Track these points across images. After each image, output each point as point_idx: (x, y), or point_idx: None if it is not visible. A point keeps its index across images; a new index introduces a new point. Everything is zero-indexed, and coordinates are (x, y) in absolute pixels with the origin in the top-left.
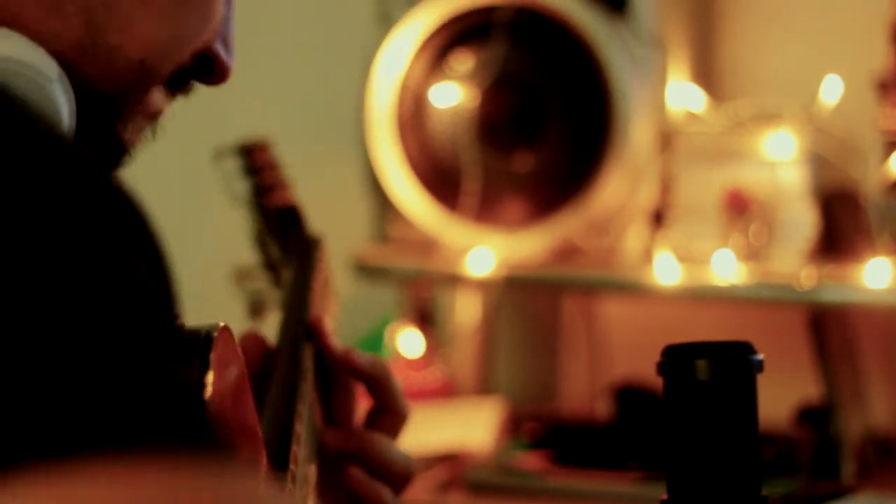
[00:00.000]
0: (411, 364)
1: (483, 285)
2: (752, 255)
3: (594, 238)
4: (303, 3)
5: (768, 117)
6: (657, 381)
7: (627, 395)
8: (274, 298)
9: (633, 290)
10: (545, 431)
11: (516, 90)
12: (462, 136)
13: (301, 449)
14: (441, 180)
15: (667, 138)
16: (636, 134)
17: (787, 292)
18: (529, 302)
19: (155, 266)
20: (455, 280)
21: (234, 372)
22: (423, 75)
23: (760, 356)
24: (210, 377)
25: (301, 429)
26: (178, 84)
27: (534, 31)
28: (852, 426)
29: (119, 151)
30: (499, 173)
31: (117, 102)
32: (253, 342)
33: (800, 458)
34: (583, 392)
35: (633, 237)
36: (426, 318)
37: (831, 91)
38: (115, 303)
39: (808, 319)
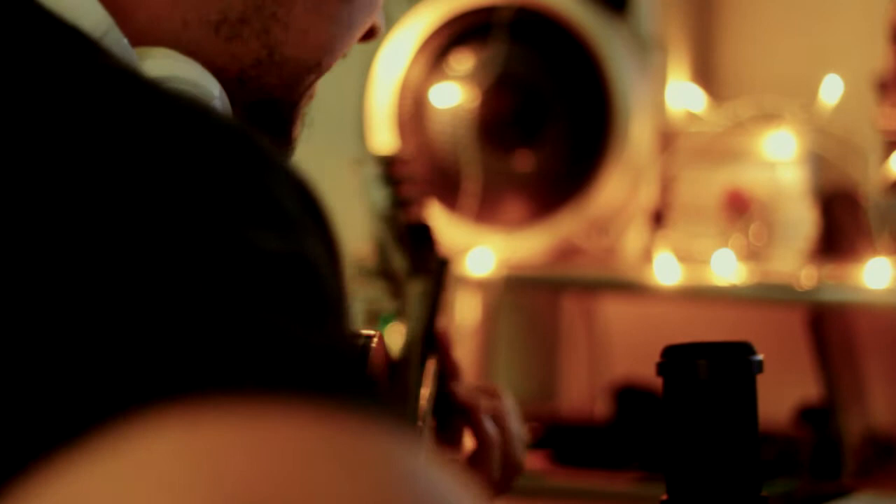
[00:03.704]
0: None
1: (483, 285)
2: (752, 255)
3: (594, 238)
4: None
5: (768, 117)
6: (657, 381)
7: (627, 395)
8: (388, 308)
9: (633, 290)
10: (545, 431)
11: (516, 90)
12: (462, 136)
13: (425, 429)
14: (441, 180)
15: (667, 138)
16: (636, 134)
17: (787, 292)
18: (529, 302)
19: (333, 258)
20: (455, 280)
21: (380, 375)
22: (423, 75)
23: (760, 356)
24: None
25: (426, 408)
26: None
27: (534, 31)
28: (852, 426)
29: (287, 146)
30: (499, 173)
31: (294, 105)
32: (378, 351)
33: (800, 458)
34: (583, 392)
35: (633, 237)
36: None
37: (831, 91)
38: (298, 272)
39: (808, 319)
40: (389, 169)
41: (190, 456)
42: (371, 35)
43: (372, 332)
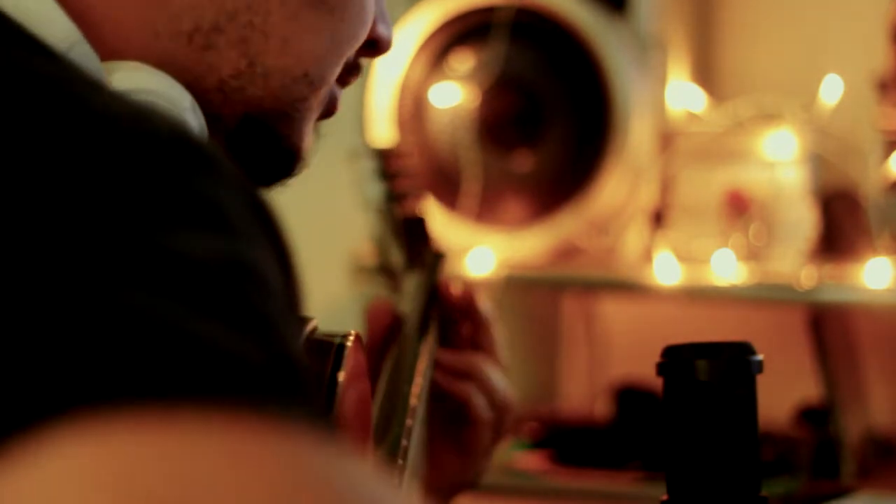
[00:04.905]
0: None
1: (483, 285)
2: (752, 255)
3: (594, 238)
4: None
5: (768, 117)
6: (657, 381)
7: (627, 395)
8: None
9: (633, 290)
10: (545, 431)
11: (516, 90)
12: (462, 136)
13: (415, 425)
14: (441, 180)
15: (667, 138)
16: (636, 134)
17: (787, 292)
18: (529, 302)
19: (283, 266)
20: (451, 275)
21: (359, 375)
22: (423, 75)
23: (760, 356)
24: (340, 385)
25: (416, 404)
26: (346, 74)
27: (534, 31)
28: (852, 426)
29: (292, 160)
30: (499, 173)
31: (287, 115)
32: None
33: (800, 458)
34: (583, 392)
35: (633, 237)
36: None
37: (831, 91)
38: (248, 284)
39: (808, 319)
40: (385, 163)
41: (97, 466)
42: (376, 49)
43: (349, 332)
